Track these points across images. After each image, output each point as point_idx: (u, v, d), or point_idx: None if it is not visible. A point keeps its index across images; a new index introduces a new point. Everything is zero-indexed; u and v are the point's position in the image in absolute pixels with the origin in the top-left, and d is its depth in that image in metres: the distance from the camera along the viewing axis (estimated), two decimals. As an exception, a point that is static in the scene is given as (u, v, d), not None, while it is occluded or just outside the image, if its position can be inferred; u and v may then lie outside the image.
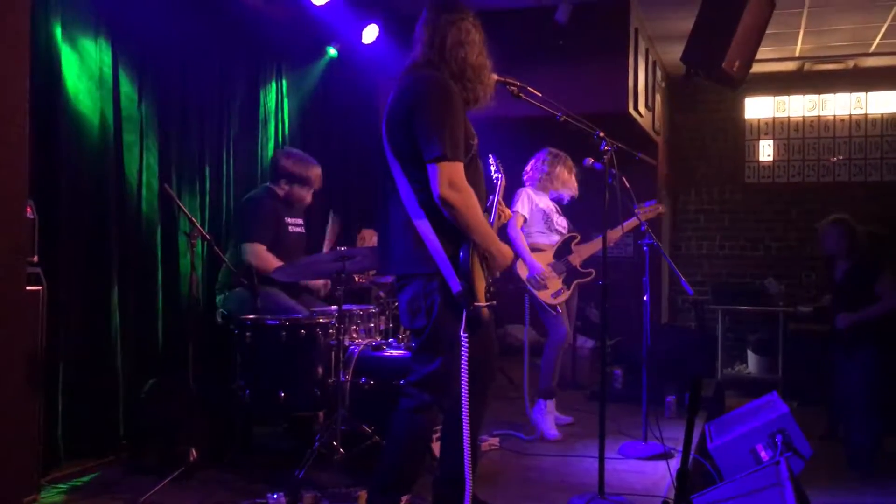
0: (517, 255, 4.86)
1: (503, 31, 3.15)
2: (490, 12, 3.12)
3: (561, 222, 5.12)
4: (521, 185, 5.15)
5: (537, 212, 5.02)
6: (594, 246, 4.98)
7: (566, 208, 5.25)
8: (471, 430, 2.78)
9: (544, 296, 4.89)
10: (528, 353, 5.24)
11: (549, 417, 4.82)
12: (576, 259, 5.01)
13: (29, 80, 2.51)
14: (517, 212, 4.96)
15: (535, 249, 4.97)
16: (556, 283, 4.94)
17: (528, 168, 5.18)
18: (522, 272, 4.91)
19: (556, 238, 5.05)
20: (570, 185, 5.14)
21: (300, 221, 4.64)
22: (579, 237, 5.07)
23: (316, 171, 4.58)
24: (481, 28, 2.99)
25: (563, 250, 5.05)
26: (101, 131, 4.15)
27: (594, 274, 4.94)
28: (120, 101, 4.30)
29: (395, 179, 2.83)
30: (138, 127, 4.43)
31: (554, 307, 4.89)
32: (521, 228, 4.96)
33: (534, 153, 5.18)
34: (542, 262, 4.93)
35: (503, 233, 4.72)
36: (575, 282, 5.01)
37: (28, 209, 3.33)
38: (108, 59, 4.20)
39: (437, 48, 2.88)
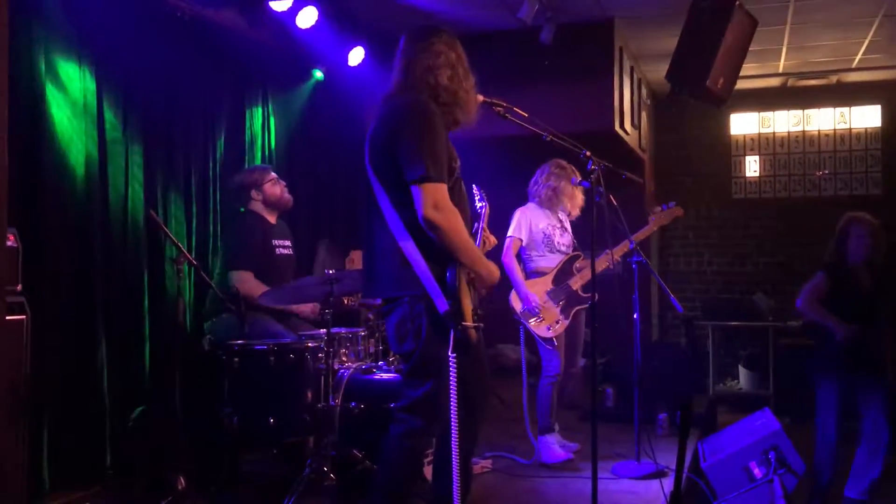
0: (511, 285, 4.69)
1: (489, 52, 3.15)
2: (475, 34, 3.13)
3: (564, 241, 4.88)
4: (527, 199, 4.92)
5: (536, 233, 4.80)
6: (597, 266, 4.46)
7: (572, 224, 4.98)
8: (463, 453, 2.75)
9: (539, 329, 4.67)
10: (519, 372, 5.17)
11: (555, 447, 4.68)
12: (576, 283, 4.74)
13: (8, 107, 2.49)
14: (512, 236, 4.75)
15: (536, 273, 4.77)
16: (552, 313, 4.70)
17: (532, 182, 4.94)
18: (516, 304, 4.71)
19: (557, 259, 4.82)
20: (578, 201, 4.89)
21: (287, 243, 4.63)
22: (582, 255, 4.82)
23: (269, 169, 4.66)
24: (457, 46, 2.97)
25: (563, 274, 4.79)
26: (85, 158, 4.13)
27: (596, 298, 4.52)
28: (104, 128, 4.28)
29: (380, 202, 2.83)
30: (123, 153, 4.41)
31: (550, 340, 4.68)
32: (520, 251, 4.76)
33: (521, 173, 5.05)
34: (541, 289, 4.71)
35: (496, 259, 4.53)
36: (574, 309, 4.75)
37: (11, 237, 3.30)
38: (91, 85, 4.19)
39: (410, 77, 2.89)
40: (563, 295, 4.76)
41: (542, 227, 4.82)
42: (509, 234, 4.77)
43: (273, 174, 4.60)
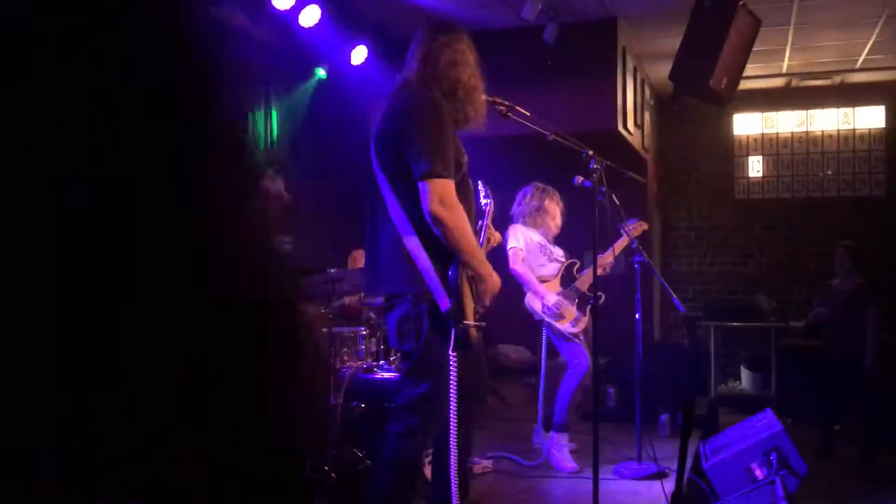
0: (527, 288, 4.78)
1: (491, 51, 3.15)
2: (478, 33, 3.12)
3: (557, 252, 5.00)
4: (511, 218, 5.03)
5: (533, 245, 4.91)
6: (600, 267, 4.63)
7: (558, 235, 5.12)
8: (460, 452, 2.75)
9: (563, 325, 4.73)
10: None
11: (564, 450, 4.68)
12: (583, 284, 4.84)
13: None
14: (514, 247, 4.84)
15: (540, 281, 4.84)
16: (571, 310, 4.78)
17: (516, 205, 5.05)
18: (536, 305, 4.78)
19: (556, 267, 4.93)
20: (558, 220, 5.04)
21: (289, 239, 4.61)
22: (579, 263, 4.94)
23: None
24: (474, 49, 3.00)
25: (567, 278, 4.91)
26: (87, 155, 4.12)
27: (604, 297, 4.56)
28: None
29: (385, 197, 2.82)
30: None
31: (577, 335, 4.75)
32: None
33: (523, 172, 5.09)
34: (552, 291, 4.81)
35: (502, 269, 4.56)
36: (589, 306, 4.78)
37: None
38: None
39: (430, 67, 2.89)
40: (574, 294, 4.83)
41: (536, 240, 4.93)
42: (510, 246, 4.84)
43: (269, 171, 4.59)
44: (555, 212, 5.00)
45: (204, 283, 3.86)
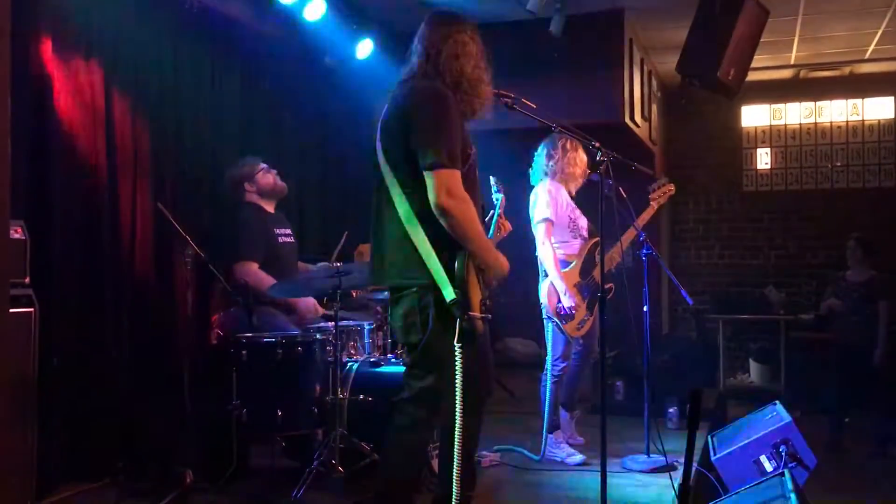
0: (552, 282, 4.50)
1: (497, 43, 3.13)
2: (484, 25, 3.10)
3: (582, 223, 4.74)
4: (529, 185, 4.76)
5: (562, 216, 4.62)
6: (609, 261, 4.51)
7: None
8: (465, 445, 2.74)
9: (570, 328, 4.56)
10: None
11: (562, 447, 4.62)
12: (597, 273, 4.54)
13: (11, 97, 2.47)
14: (546, 219, 4.53)
15: (562, 262, 4.60)
16: (581, 310, 4.58)
17: (546, 158, 4.71)
18: (550, 300, 4.53)
19: (579, 244, 4.68)
20: (584, 168, 4.73)
21: (288, 231, 4.61)
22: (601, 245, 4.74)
23: (258, 160, 4.59)
24: (479, 40, 2.98)
25: (587, 264, 4.68)
26: (93, 150, 4.12)
27: (614, 288, 4.38)
28: (113, 121, 4.27)
29: (390, 189, 2.81)
30: (131, 145, 4.40)
31: (577, 339, 4.62)
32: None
33: (529, 165, 5.02)
34: (569, 283, 4.55)
35: (523, 249, 4.38)
36: (596, 304, 4.59)
37: (19, 230, 3.30)
38: (99, 77, 4.18)
39: (433, 60, 2.88)
40: (588, 289, 4.66)
41: (566, 209, 4.68)
42: (541, 217, 4.56)
43: (263, 164, 4.57)
44: (584, 160, 4.71)
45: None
